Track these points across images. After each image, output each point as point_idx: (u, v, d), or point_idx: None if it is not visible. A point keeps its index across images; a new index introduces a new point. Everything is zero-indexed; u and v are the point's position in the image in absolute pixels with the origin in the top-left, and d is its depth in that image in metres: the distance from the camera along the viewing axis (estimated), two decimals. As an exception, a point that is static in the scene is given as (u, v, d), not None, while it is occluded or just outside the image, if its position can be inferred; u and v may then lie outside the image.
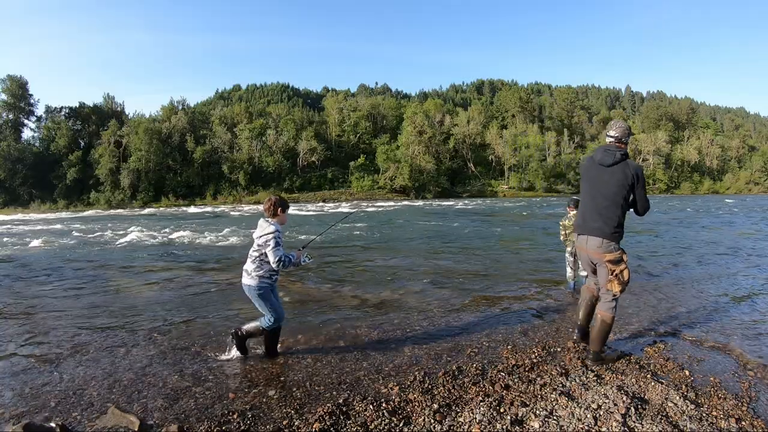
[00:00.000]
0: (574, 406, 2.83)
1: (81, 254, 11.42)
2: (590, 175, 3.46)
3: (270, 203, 3.69)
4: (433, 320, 4.95)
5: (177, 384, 3.35)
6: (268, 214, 3.70)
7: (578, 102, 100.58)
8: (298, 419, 2.78)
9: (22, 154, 54.84)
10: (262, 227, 3.66)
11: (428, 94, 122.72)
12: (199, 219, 26.58)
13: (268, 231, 3.58)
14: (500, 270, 8.07)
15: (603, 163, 3.36)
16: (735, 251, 9.98)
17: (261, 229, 3.65)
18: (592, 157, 3.49)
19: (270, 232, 3.57)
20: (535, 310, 5.31)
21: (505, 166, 71.57)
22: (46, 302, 6.25)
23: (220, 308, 5.68)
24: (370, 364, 3.67)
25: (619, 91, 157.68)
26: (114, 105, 67.06)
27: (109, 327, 4.89)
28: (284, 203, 3.76)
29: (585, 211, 3.46)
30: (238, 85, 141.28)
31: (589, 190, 3.44)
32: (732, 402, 2.92)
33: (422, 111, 69.93)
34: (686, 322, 4.76)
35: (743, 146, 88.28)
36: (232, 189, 58.71)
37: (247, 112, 71.59)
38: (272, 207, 3.68)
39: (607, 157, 3.35)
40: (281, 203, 3.72)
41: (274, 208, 3.69)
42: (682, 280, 6.92)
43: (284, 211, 3.75)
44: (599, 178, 3.37)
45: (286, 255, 3.59)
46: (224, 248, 12.18)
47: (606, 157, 3.35)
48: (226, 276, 7.96)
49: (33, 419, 2.82)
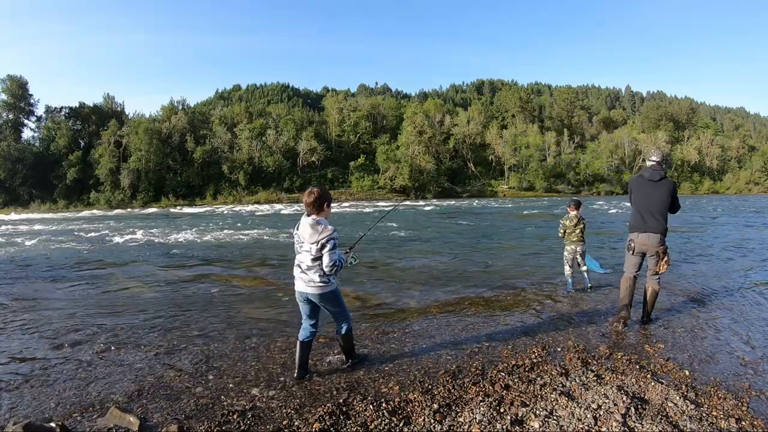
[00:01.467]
0: (574, 406, 2.82)
1: (81, 254, 11.42)
2: (644, 189, 4.52)
3: (314, 197, 3.16)
4: (432, 320, 4.95)
5: (177, 384, 3.35)
6: (312, 209, 3.18)
7: (578, 102, 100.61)
8: (298, 419, 2.77)
9: (22, 154, 54.87)
10: (315, 229, 3.14)
11: (428, 94, 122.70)
12: (199, 219, 26.58)
13: (326, 234, 3.12)
14: (500, 270, 8.07)
15: (653, 180, 4.48)
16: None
17: (314, 231, 3.14)
18: (642, 176, 4.58)
19: (328, 235, 3.12)
20: (534, 310, 5.31)
21: (505, 166, 71.59)
22: (46, 302, 6.25)
23: (220, 308, 5.68)
24: (370, 363, 3.67)
25: (619, 91, 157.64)
26: (114, 105, 67.12)
27: (109, 327, 4.89)
28: (329, 196, 3.28)
29: (644, 215, 4.47)
30: (238, 85, 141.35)
31: (644, 199, 4.50)
32: (732, 402, 2.91)
33: (422, 111, 69.94)
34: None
35: (743, 146, 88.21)
36: (232, 189, 58.72)
37: (247, 112, 71.62)
38: (317, 201, 3.17)
39: (655, 176, 4.49)
40: (327, 197, 3.24)
41: (320, 203, 3.18)
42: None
43: (329, 206, 3.29)
44: (652, 191, 4.47)
45: (340, 258, 3.21)
46: (224, 248, 12.18)
47: (654, 175, 4.49)
48: (226, 276, 7.97)
49: (33, 419, 2.82)
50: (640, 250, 4.52)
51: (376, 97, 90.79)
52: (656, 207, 4.42)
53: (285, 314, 5.32)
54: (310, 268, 3.21)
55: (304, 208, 3.24)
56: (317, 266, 3.18)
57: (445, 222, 20.42)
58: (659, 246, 4.42)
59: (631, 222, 4.60)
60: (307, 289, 3.27)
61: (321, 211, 3.22)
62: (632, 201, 4.62)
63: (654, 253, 4.45)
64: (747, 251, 10.08)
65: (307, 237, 3.17)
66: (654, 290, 4.59)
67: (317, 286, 3.24)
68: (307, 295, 3.30)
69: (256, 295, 6.39)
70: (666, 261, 4.47)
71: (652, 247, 4.44)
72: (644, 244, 4.47)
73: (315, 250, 3.15)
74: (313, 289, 3.25)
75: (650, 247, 4.45)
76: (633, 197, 4.62)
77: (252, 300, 6.11)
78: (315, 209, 3.19)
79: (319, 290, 3.24)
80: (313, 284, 3.23)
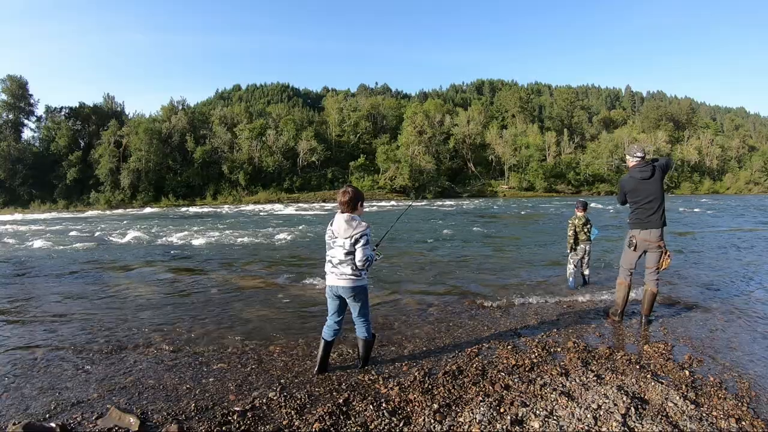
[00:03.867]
0: (574, 406, 2.83)
1: (81, 255, 11.42)
2: (640, 188, 4.53)
3: (349, 197, 3.30)
4: (432, 320, 4.95)
5: (177, 385, 3.35)
6: (347, 208, 3.32)
7: (578, 102, 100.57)
8: (298, 419, 2.77)
9: (22, 154, 54.87)
10: (350, 224, 3.26)
11: (428, 94, 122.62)
12: (199, 219, 26.58)
13: (360, 229, 3.24)
14: (500, 269, 8.07)
15: (644, 178, 4.50)
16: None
17: (349, 227, 3.26)
18: (633, 176, 4.57)
19: (363, 230, 3.24)
20: (534, 310, 5.31)
21: (505, 166, 71.54)
22: (46, 303, 6.25)
23: (220, 309, 5.68)
24: (370, 364, 3.67)
25: (619, 91, 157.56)
26: (114, 105, 67.15)
27: (109, 327, 4.89)
28: (362, 196, 3.43)
29: (647, 212, 4.51)
30: (238, 85, 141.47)
31: (644, 198, 4.52)
32: (732, 402, 2.91)
33: (422, 111, 69.82)
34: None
35: (743, 146, 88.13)
36: (232, 189, 58.71)
37: (247, 112, 71.65)
38: (351, 201, 3.30)
39: (643, 174, 4.51)
40: (360, 196, 3.39)
41: (354, 202, 3.32)
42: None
43: (362, 205, 3.41)
44: (647, 190, 4.50)
45: (372, 255, 3.32)
46: (224, 248, 12.18)
47: (644, 173, 4.51)
48: (226, 276, 7.96)
49: (33, 419, 2.82)
50: (642, 246, 4.59)
51: (376, 97, 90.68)
52: (655, 202, 4.50)
53: (285, 315, 5.32)
54: (342, 262, 3.30)
55: (338, 207, 3.40)
56: (349, 260, 3.29)
57: (448, 222, 20.42)
58: (660, 240, 4.52)
59: (631, 219, 4.67)
60: (339, 282, 3.34)
61: (355, 209, 3.35)
62: (630, 200, 4.67)
63: (655, 247, 4.54)
64: (747, 251, 10.07)
65: (342, 232, 3.29)
66: (652, 292, 4.63)
67: (349, 279, 3.31)
68: (338, 289, 3.37)
69: (257, 296, 6.39)
70: (669, 255, 4.58)
71: (653, 242, 4.52)
72: (646, 240, 4.55)
73: (348, 244, 3.27)
74: (345, 282, 3.32)
75: (651, 242, 4.53)
76: (630, 197, 4.66)
77: (252, 301, 6.11)
78: (349, 208, 3.34)
79: (351, 283, 3.32)
80: (345, 277, 3.31)
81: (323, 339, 3.50)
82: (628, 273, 4.74)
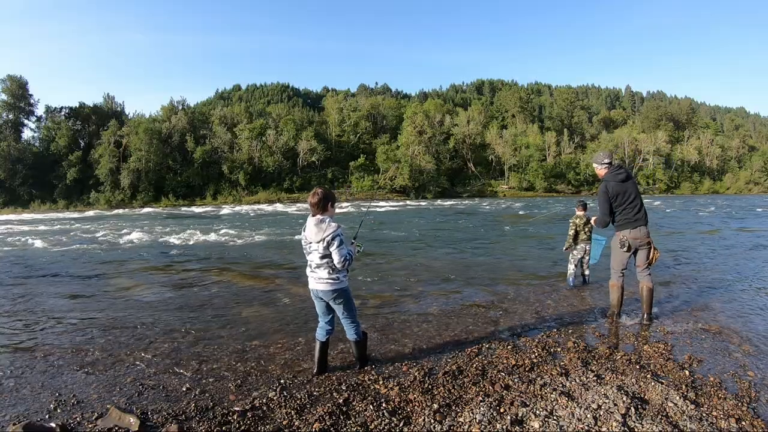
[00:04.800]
0: (574, 406, 2.83)
1: (81, 255, 11.42)
2: (621, 191, 4.65)
3: (318, 198, 3.28)
4: (432, 321, 4.95)
5: (177, 385, 3.35)
6: (317, 210, 3.29)
7: (578, 102, 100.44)
8: (298, 419, 2.77)
9: (22, 154, 54.81)
10: (319, 227, 3.24)
11: (428, 94, 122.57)
12: (199, 219, 26.58)
13: (330, 231, 3.21)
14: (499, 270, 8.07)
15: (623, 181, 4.65)
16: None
17: (319, 230, 3.24)
18: (611, 181, 4.68)
19: (333, 231, 3.21)
20: (534, 310, 5.31)
21: (505, 166, 71.48)
22: (46, 303, 6.25)
23: (219, 309, 5.68)
24: (371, 364, 3.67)
25: (619, 91, 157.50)
26: (114, 105, 67.06)
27: (109, 328, 4.89)
28: (333, 197, 3.39)
29: (634, 212, 4.64)
30: (238, 85, 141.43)
31: (627, 199, 4.65)
32: (732, 402, 2.91)
33: (422, 111, 69.73)
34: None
35: (743, 146, 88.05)
36: (232, 189, 58.66)
37: (247, 112, 71.54)
38: (321, 202, 3.28)
39: (620, 176, 4.67)
40: (331, 197, 3.35)
41: (324, 203, 3.29)
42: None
43: (333, 206, 3.37)
44: (628, 190, 4.65)
45: (349, 252, 3.30)
46: (224, 248, 12.18)
47: (619, 176, 4.67)
48: (226, 276, 7.96)
49: (33, 419, 2.82)
50: (634, 245, 4.70)
51: (376, 97, 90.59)
52: (637, 201, 4.67)
53: (285, 315, 5.33)
54: (319, 266, 3.31)
55: (309, 209, 3.36)
56: (325, 263, 3.28)
57: (448, 222, 20.42)
58: (648, 237, 4.70)
59: (619, 221, 4.75)
60: (318, 286, 3.36)
61: (325, 211, 3.31)
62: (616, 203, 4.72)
63: (645, 244, 4.70)
64: (746, 251, 10.07)
65: (313, 236, 3.27)
66: (649, 288, 4.74)
67: (327, 283, 3.32)
68: (318, 293, 3.39)
69: (257, 296, 6.39)
70: (656, 249, 4.77)
71: (643, 239, 4.67)
72: (636, 238, 4.68)
73: (322, 248, 3.25)
74: (323, 286, 3.33)
75: (642, 239, 4.67)
76: (617, 200, 4.71)
77: (252, 301, 6.11)
78: (319, 209, 3.30)
79: (328, 287, 3.32)
80: (322, 281, 3.32)
81: (318, 340, 3.53)
82: (621, 274, 4.82)
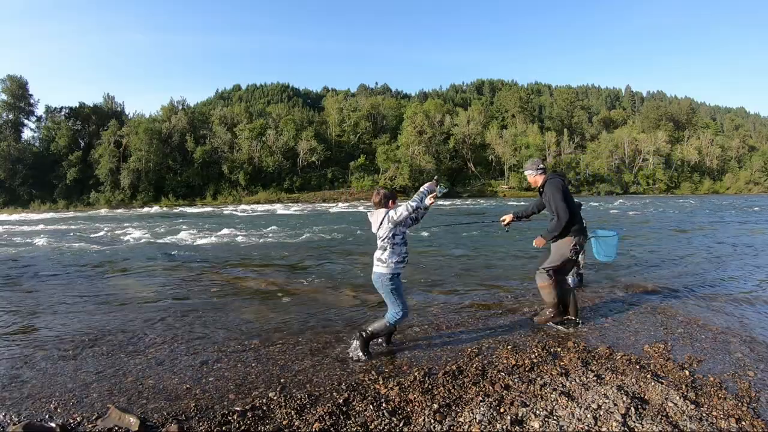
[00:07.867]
0: (574, 406, 2.83)
1: (81, 255, 11.42)
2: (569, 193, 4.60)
3: (380, 196, 3.74)
4: (432, 321, 4.94)
5: (177, 385, 3.35)
6: (380, 207, 3.74)
7: (578, 102, 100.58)
8: (298, 419, 2.77)
9: (22, 154, 54.84)
10: (376, 215, 3.69)
11: (428, 94, 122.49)
12: (199, 219, 26.58)
13: (380, 214, 3.65)
14: (499, 270, 8.07)
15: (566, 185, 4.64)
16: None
17: (377, 218, 3.68)
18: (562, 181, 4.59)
19: (383, 213, 3.63)
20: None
21: (505, 166, 71.50)
22: (46, 303, 6.24)
23: (220, 308, 5.67)
24: (370, 364, 3.67)
25: (619, 91, 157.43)
26: (114, 105, 67.10)
27: (109, 328, 4.89)
28: (393, 195, 3.80)
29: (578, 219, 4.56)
30: (238, 85, 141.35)
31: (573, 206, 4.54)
32: (732, 402, 2.91)
33: (422, 111, 69.77)
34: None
35: (743, 146, 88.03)
36: (232, 189, 58.69)
37: (247, 112, 71.57)
38: (383, 199, 3.73)
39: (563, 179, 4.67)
40: (392, 195, 3.78)
41: (385, 200, 3.74)
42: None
43: (395, 202, 3.78)
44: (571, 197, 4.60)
45: (410, 203, 3.58)
46: (224, 248, 12.18)
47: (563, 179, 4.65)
48: (226, 276, 7.96)
49: (33, 419, 2.82)
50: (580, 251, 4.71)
51: (376, 97, 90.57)
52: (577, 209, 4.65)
53: (285, 315, 5.32)
54: (383, 250, 3.68)
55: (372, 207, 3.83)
56: (387, 248, 3.66)
57: (444, 220, 20.41)
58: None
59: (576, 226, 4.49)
60: (375, 270, 3.73)
61: (386, 207, 3.72)
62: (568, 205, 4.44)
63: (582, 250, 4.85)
64: (746, 250, 10.08)
65: (375, 227, 3.71)
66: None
67: (375, 266, 3.70)
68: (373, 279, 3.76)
69: (257, 296, 6.39)
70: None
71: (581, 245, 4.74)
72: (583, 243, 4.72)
73: (382, 231, 3.66)
74: (378, 269, 3.69)
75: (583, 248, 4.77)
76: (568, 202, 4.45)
77: (252, 301, 6.11)
78: (382, 206, 3.74)
79: (380, 271, 3.67)
80: (381, 264, 3.67)
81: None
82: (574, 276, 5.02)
